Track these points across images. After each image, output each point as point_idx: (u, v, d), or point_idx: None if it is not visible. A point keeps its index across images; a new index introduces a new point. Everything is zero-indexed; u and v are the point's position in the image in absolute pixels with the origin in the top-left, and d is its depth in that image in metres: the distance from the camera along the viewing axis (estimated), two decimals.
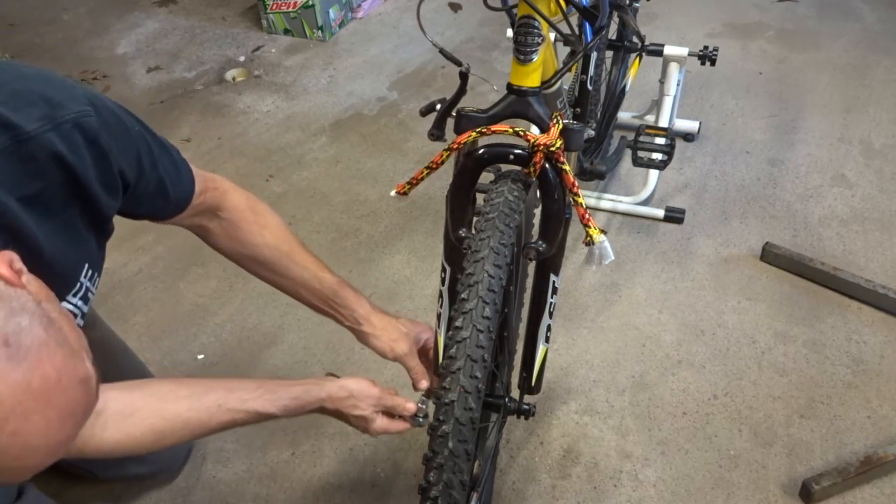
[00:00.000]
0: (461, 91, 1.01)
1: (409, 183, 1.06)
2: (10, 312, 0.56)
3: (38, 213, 0.77)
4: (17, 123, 0.72)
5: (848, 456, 1.42)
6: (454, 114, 1.01)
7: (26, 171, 0.74)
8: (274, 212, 1.12)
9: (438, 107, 1.04)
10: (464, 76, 1.00)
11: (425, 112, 1.07)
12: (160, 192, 0.94)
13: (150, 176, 0.91)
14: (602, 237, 0.98)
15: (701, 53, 1.99)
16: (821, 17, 3.02)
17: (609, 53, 2.03)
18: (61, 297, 0.87)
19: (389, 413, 1.05)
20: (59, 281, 0.83)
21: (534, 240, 1.02)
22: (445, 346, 0.84)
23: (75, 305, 0.89)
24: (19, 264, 0.61)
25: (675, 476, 1.40)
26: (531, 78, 0.99)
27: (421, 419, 1.07)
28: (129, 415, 0.90)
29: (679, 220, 1.97)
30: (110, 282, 1.84)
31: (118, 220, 0.91)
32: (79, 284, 0.88)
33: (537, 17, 0.97)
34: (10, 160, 0.72)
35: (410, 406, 1.06)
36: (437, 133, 1.05)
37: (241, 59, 2.82)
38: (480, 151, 0.97)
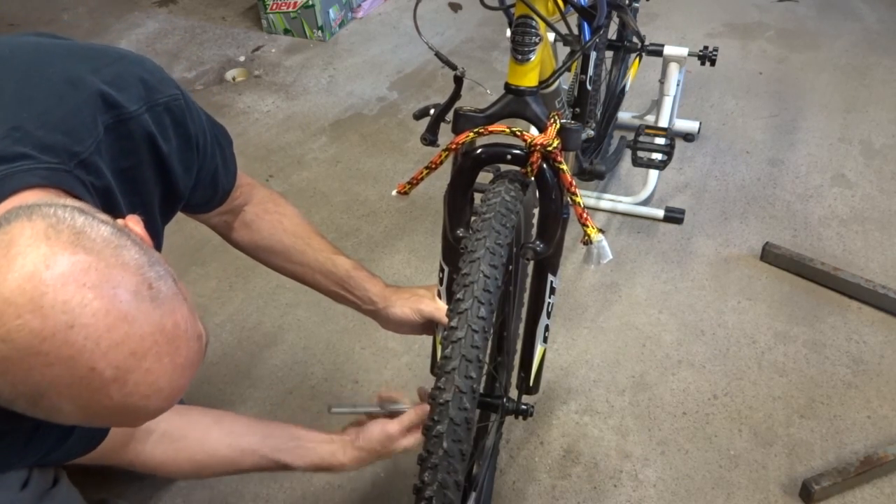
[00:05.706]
0: (455, 95, 1.01)
1: (409, 183, 1.05)
2: (151, 262, 0.61)
3: (127, 186, 0.82)
4: (121, 103, 0.78)
5: (848, 456, 1.41)
6: (452, 113, 1.01)
7: (122, 148, 0.79)
8: (289, 201, 1.14)
9: (432, 111, 1.04)
10: (458, 80, 1.00)
11: (419, 116, 1.07)
12: (212, 181, 0.98)
13: (209, 165, 0.95)
14: (600, 236, 0.98)
15: (701, 53, 1.99)
16: (821, 17, 3.02)
17: (609, 53, 2.03)
18: None
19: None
20: None
21: (532, 240, 1.02)
22: (441, 346, 0.84)
23: None
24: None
25: (675, 476, 1.40)
26: (528, 77, 0.99)
27: None
28: (176, 439, 0.97)
29: (679, 221, 1.97)
30: None
31: None
32: None
33: (534, 16, 0.97)
34: (112, 136, 0.78)
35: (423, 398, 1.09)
36: (429, 137, 1.05)
37: (241, 59, 2.82)
38: (478, 151, 0.97)
